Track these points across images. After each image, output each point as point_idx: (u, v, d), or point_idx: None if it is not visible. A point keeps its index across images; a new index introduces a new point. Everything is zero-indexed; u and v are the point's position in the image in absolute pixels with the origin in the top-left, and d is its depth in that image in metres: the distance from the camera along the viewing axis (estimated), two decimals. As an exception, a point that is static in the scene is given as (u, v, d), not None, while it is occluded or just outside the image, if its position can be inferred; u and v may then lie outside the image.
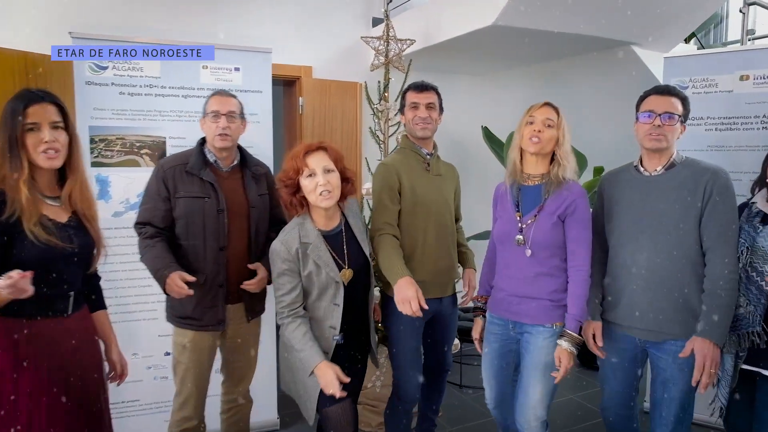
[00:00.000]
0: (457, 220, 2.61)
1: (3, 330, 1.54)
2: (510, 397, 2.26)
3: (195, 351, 2.24)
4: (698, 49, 4.86)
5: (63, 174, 1.69)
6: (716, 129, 3.03)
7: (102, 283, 2.57)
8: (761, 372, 1.88)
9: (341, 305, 1.98)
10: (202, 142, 2.28)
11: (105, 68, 2.67)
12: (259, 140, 2.96)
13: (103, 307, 1.94)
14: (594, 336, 2.11)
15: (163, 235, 2.18)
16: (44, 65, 2.87)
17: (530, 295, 2.04)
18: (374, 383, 3.16)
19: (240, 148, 2.35)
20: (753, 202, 1.96)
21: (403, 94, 2.47)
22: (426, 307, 2.01)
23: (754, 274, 1.84)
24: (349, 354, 2.10)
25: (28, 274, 1.42)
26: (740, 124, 2.97)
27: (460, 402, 3.55)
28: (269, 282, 2.23)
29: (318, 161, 1.92)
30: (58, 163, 1.63)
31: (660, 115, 1.94)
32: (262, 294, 2.39)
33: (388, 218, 2.27)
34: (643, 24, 3.23)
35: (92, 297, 1.88)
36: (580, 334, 1.98)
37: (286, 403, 2.53)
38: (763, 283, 1.82)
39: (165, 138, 2.78)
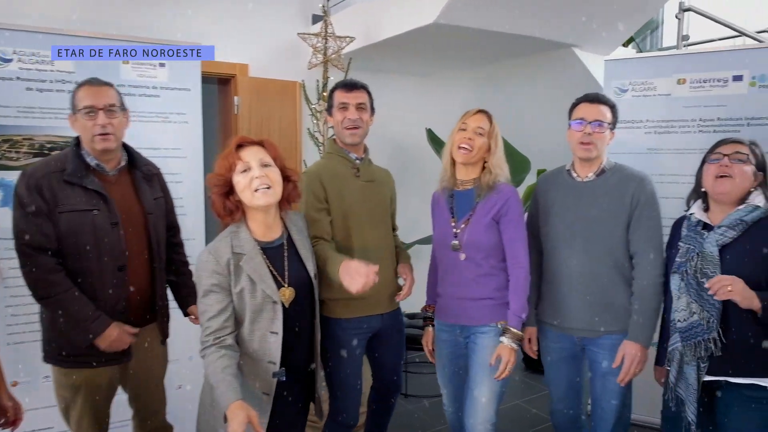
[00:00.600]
0: (394, 229, 2.41)
1: None
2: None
3: (91, 391, 1.92)
4: (637, 53, 4.96)
5: None
6: (655, 132, 3.04)
7: (6, 300, 2.31)
8: (728, 379, 1.81)
9: (280, 333, 1.68)
10: (77, 143, 1.92)
11: (9, 60, 2.41)
12: (187, 142, 2.79)
13: None
14: (530, 340, 2.22)
15: (61, 265, 1.82)
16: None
17: (472, 296, 2.06)
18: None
19: (126, 147, 2.02)
20: (691, 213, 1.94)
21: (331, 93, 2.25)
22: (376, 268, 1.80)
23: (705, 280, 1.79)
24: (295, 398, 1.83)
25: None
26: (678, 127, 2.99)
27: (405, 412, 3.45)
28: None
29: (253, 154, 1.67)
30: None
31: (590, 123, 2.01)
32: (169, 314, 2.14)
33: (319, 231, 2.08)
34: (583, 26, 3.24)
35: None
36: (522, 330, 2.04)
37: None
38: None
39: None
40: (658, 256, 1.98)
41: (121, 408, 2.15)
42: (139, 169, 2.03)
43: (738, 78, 2.85)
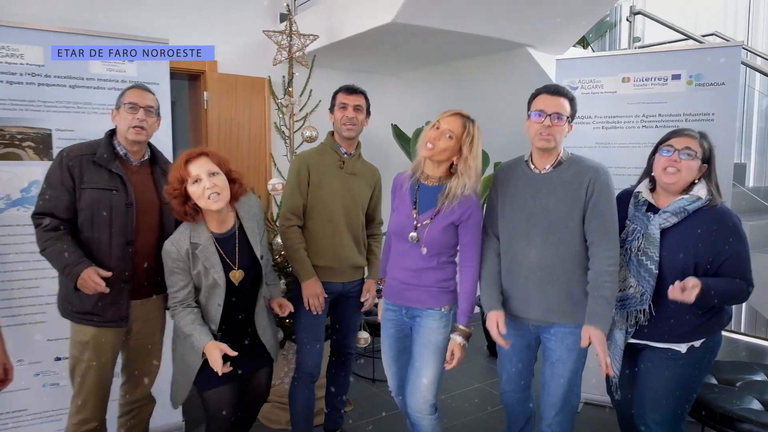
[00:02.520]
0: (374, 220, 2.72)
1: None
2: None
3: (97, 349, 2.16)
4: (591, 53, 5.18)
5: None
6: (603, 127, 3.22)
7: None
8: (648, 344, 2.06)
9: (222, 306, 2.06)
10: (111, 133, 2.22)
11: (-20, 54, 2.49)
12: (156, 135, 2.83)
13: None
14: (498, 325, 2.12)
15: (67, 227, 2.09)
16: None
17: (420, 284, 2.17)
18: (282, 380, 3.13)
19: (150, 145, 2.33)
20: (638, 192, 2.11)
21: (334, 95, 2.58)
22: (325, 295, 2.46)
23: (644, 258, 1.99)
24: (237, 347, 2.11)
25: None
26: (623, 123, 3.18)
27: (372, 395, 3.58)
28: None
29: (201, 166, 1.95)
30: None
31: (549, 115, 2.01)
32: None
33: (293, 209, 2.49)
34: (536, 27, 3.40)
35: None
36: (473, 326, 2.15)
37: (192, 406, 2.45)
38: (653, 266, 1.97)
39: (50, 130, 2.62)
40: (614, 245, 1.99)
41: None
42: (158, 165, 2.31)
43: (676, 77, 3.04)
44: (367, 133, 4.45)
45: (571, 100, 2.07)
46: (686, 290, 1.82)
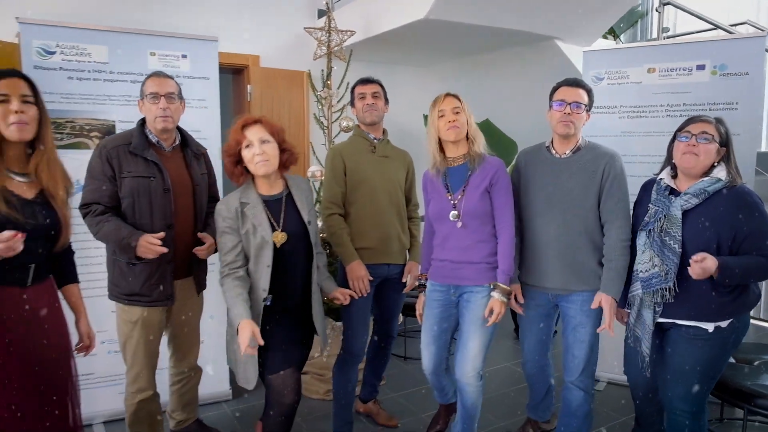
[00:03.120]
0: (410, 201, 2.82)
1: None
2: (444, 363, 2.50)
3: (145, 327, 2.32)
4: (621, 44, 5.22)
5: (34, 151, 1.74)
6: (628, 117, 3.31)
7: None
8: (676, 322, 2.14)
9: (270, 266, 2.08)
10: (142, 122, 2.32)
11: (53, 53, 2.75)
12: (206, 125, 3.07)
13: (74, 280, 2.02)
14: (516, 297, 2.40)
15: (113, 213, 2.22)
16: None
17: (469, 260, 2.28)
18: (321, 353, 3.34)
19: (180, 129, 2.41)
20: (660, 179, 2.20)
21: (352, 90, 2.73)
22: (371, 277, 2.51)
23: (666, 238, 2.07)
24: (289, 326, 2.19)
25: (21, 235, 1.54)
26: (648, 112, 3.26)
27: (404, 372, 3.76)
28: (216, 250, 2.32)
29: (254, 133, 2.04)
30: (27, 135, 1.67)
31: (570, 104, 2.22)
32: (206, 269, 2.53)
33: (332, 198, 2.60)
34: (564, 20, 3.48)
35: (63, 271, 1.95)
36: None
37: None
38: (676, 245, 2.06)
39: (114, 122, 2.88)
40: (626, 223, 2.22)
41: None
42: (189, 148, 2.41)
43: (701, 67, 3.11)
44: (401, 123, 4.66)
45: (589, 92, 2.29)
46: (702, 262, 1.90)
